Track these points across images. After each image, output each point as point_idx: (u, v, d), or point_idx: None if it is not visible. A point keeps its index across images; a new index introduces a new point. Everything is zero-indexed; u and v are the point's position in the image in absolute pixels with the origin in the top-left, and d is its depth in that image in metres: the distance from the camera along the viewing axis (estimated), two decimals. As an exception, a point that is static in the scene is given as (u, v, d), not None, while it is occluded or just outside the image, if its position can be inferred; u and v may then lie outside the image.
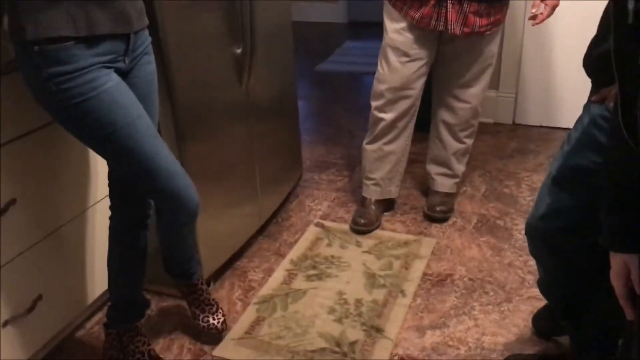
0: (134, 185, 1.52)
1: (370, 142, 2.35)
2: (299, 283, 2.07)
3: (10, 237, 1.51)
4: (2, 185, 1.47)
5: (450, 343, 1.77)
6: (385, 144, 2.30)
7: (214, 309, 1.80)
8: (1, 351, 1.53)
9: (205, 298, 1.80)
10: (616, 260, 0.97)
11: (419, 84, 2.19)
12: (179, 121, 1.76)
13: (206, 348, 1.80)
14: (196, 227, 1.68)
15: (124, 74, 1.40)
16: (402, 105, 2.21)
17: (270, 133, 2.32)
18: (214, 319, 1.79)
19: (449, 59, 2.20)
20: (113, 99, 1.34)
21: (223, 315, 1.81)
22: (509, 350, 1.71)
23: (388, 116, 2.24)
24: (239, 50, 1.95)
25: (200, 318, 1.79)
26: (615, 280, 0.98)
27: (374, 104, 2.27)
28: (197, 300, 1.79)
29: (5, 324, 1.54)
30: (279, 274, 2.13)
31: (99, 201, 1.77)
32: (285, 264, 2.18)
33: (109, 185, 1.57)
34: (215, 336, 1.82)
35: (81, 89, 1.29)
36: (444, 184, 2.45)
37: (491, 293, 1.98)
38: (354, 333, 1.83)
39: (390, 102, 2.21)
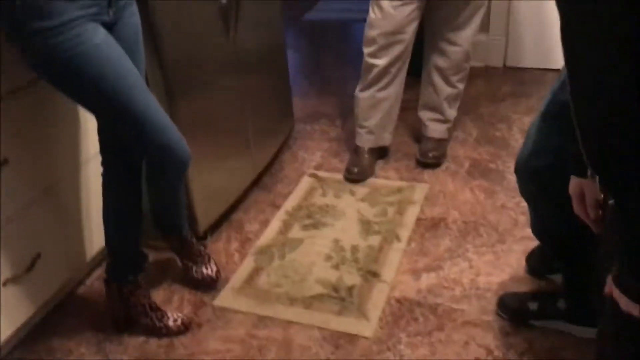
0: (124, 139, 1.51)
1: (363, 90, 2.33)
2: (295, 232, 2.09)
3: (5, 198, 1.51)
4: (-9, 145, 1.46)
5: (446, 284, 1.81)
6: (379, 90, 2.29)
7: (206, 259, 1.84)
8: (2, 310, 1.55)
9: (196, 250, 1.83)
10: (572, 184, 1.11)
11: (412, 28, 2.16)
12: (167, 75, 1.74)
13: (206, 299, 1.83)
14: (186, 181, 1.69)
15: (108, 28, 1.38)
16: (395, 50, 2.18)
17: (260, 84, 2.29)
18: (206, 269, 1.83)
19: (441, 2, 2.16)
20: (101, 54, 1.32)
21: (216, 265, 1.84)
22: (504, 289, 1.75)
23: (381, 62, 2.21)
24: (224, 1, 1.91)
25: (194, 270, 1.83)
26: (574, 201, 1.12)
27: (366, 50, 2.24)
28: (188, 253, 1.82)
29: (5, 283, 1.55)
30: (274, 225, 2.14)
31: (92, 157, 1.76)
32: (280, 214, 2.20)
33: (100, 140, 1.57)
34: (210, 286, 1.85)
35: (68, 44, 1.27)
36: (436, 130, 2.44)
37: (485, 235, 2.00)
38: (351, 278, 1.86)
39: (383, 47, 2.18)
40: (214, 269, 1.84)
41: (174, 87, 1.76)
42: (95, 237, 1.82)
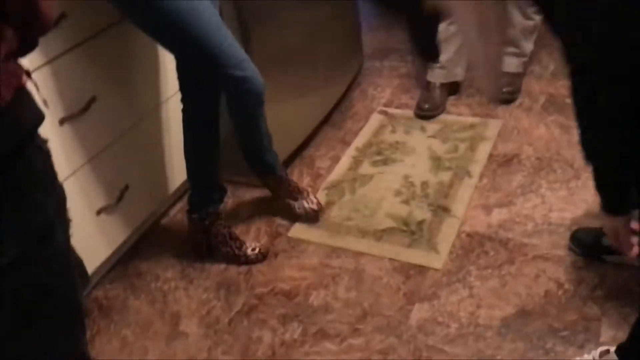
0: (202, 74, 1.57)
1: None
2: (365, 168, 2.13)
3: (94, 134, 1.62)
4: (82, 84, 1.55)
5: (517, 220, 1.81)
6: (451, 23, 2.23)
7: (305, 194, 1.90)
8: (97, 237, 1.69)
9: (294, 187, 1.89)
10: (606, 223, 1.11)
11: None
12: (241, 9, 1.77)
13: (281, 230, 1.91)
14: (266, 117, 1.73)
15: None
16: None
17: (330, 19, 2.29)
18: (307, 202, 1.89)
19: None
20: None
21: (315, 197, 1.90)
22: (576, 225, 1.73)
23: None
24: None
25: (296, 207, 1.89)
26: (610, 238, 1.13)
27: None
28: (286, 191, 1.88)
29: (99, 212, 1.68)
30: (345, 161, 2.19)
31: (171, 96, 1.84)
32: (350, 151, 2.23)
33: (179, 77, 1.63)
34: (314, 218, 1.90)
35: None
36: (511, 64, 2.38)
37: (559, 171, 1.97)
38: (421, 213, 1.89)
39: None
40: (314, 200, 1.89)
41: (247, 22, 1.80)
42: (177, 171, 1.93)
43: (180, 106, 1.67)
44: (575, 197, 1.86)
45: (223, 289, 1.74)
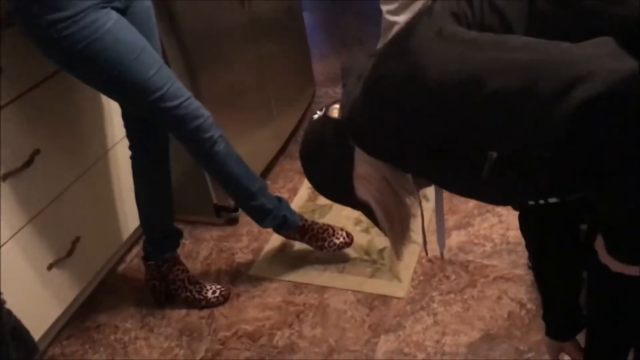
0: (148, 119, 1.54)
1: None
2: (324, 199, 2.10)
3: (41, 186, 1.57)
4: (23, 138, 1.50)
5: (476, 241, 1.82)
6: None
7: (332, 231, 1.81)
8: (50, 292, 1.63)
9: (319, 228, 1.80)
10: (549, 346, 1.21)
11: None
12: (186, 50, 1.75)
13: (242, 269, 1.88)
14: (236, 156, 1.66)
15: (121, 13, 1.39)
16: (416, 6, 2.15)
17: (279, 51, 2.29)
18: (337, 238, 1.80)
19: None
20: (116, 38, 1.34)
21: (342, 229, 1.83)
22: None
23: (401, 19, 2.18)
24: (236, -30, 1.90)
25: (327, 246, 1.80)
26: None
27: (385, 7, 2.21)
28: (314, 236, 1.79)
29: (50, 267, 1.62)
30: (303, 192, 2.17)
31: (118, 142, 1.80)
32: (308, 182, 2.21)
33: (125, 125, 1.60)
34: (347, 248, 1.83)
35: (83, 32, 1.29)
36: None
37: (514, 188, 1.99)
38: (382, 241, 1.88)
39: (403, 6, 2.15)
40: (343, 233, 1.82)
41: (193, 62, 1.77)
42: (130, 217, 1.88)
43: (129, 152, 1.64)
44: (531, 214, 1.87)
45: (185, 336, 1.70)
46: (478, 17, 0.78)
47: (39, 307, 1.59)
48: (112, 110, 1.75)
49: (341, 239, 1.80)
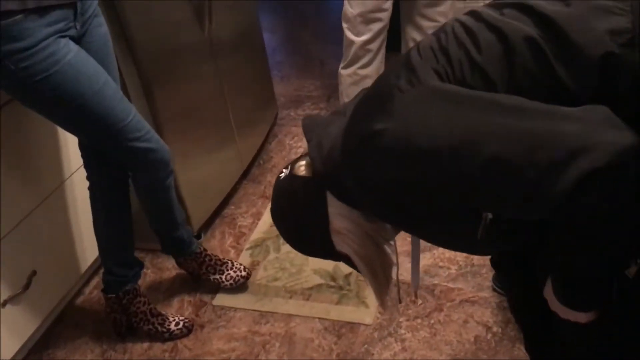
0: (107, 150, 1.50)
1: (345, 67, 2.32)
2: (288, 223, 2.09)
3: (-7, 220, 1.50)
4: (-26, 170, 1.44)
5: (441, 264, 1.83)
6: (360, 68, 2.27)
7: (230, 264, 1.82)
8: (4, 330, 1.56)
9: (215, 260, 1.81)
10: None
11: (389, 4, 2.14)
12: (142, 71, 1.70)
13: (206, 299, 1.84)
14: (175, 182, 1.67)
15: (77, 41, 1.35)
16: (375, 26, 2.17)
17: (240, 74, 2.27)
18: (235, 271, 1.81)
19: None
20: (77, 70, 1.30)
21: (240, 264, 1.84)
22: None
23: (361, 39, 2.20)
24: (195, -3, 1.88)
25: (224, 280, 1.80)
26: None
27: (345, 25, 2.23)
28: (211, 267, 1.80)
29: (4, 304, 1.55)
30: (267, 217, 2.15)
31: (74, 171, 1.75)
32: (272, 205, 2.19)
33: (82, 155, 1.55)
34: (243, 285, 1.83)
35: (43, 64, 1.25)
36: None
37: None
38: (348, 266, 1.87)
39: (362, 24, 2.17)
40: (240, 267, 1.82)
41: (150, 82, 1.73)
42: (88, 248, 1.82)
43: (86, 182, 1.59)
44: (493, 236, 1.90)
45: (148, 370, 1.65)
46: (459, 76, 0.77)
47: (-8, 346, 1.52)
48: (68, 139, 1.70)
49: (239, 273, 1.82)
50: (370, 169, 0.78)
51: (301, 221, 0.94)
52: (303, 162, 0.93)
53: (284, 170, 0.97)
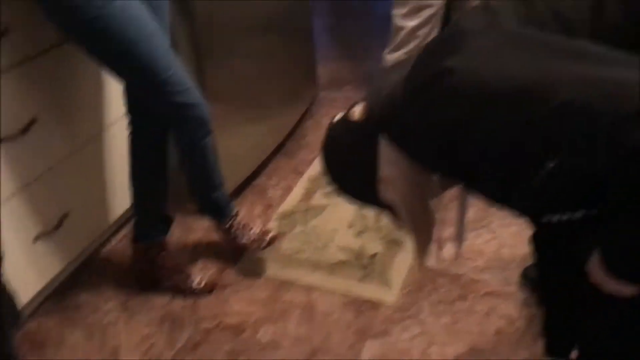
0: (148, 100, 1.51)
1: (391, 52, 2.30)
2: (318, 200, 2.09)
3: (33, 156, 1.53)
4: (22, 104, 1.47)
5: (469, 255, 1.80)
6: (406, 53, 2.25)
7: (257, 229, 1.83)
8: (33, 266, 1.58)
9: (244, 224, 1.81)
10: None
11: None
12: (197, 37, 1.73)
13: (230, 262, 1.84)
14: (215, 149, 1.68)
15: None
16: (426, 12, 2.14)
17: (286, 50, 2.27)
18: (261, 235, 1.83)
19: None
20: (127, 14, 1.31)
21: (267, 229, 1.85)
22: (527, 261, 1.73)
23: (410, 24, 2.18)
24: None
25: (249, 243, 1.81)
26: None
27: (395, 11, 2.20)
28: (239, 231, 1.80)
29: (36, 239, 1.58)
30: (297, 191, 2.15)
31: (114, 122, 1.77)
32: (303, 181, 2.20)
33: (127, 102, 1.57)
34: (269, 251, 1.85)
35: (93, 4, 1.26)
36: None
37: (509, 207, 1.99)
38: (374, 246, 1.86)
39: (414, 10, 2.14)
40: (268, 232, 1.84)
41: (203, 48, 1.75)
42: (120, 199, 1.84)
43: (126, 132, 1.60)
44: (525, 233, 1.86)
45: (167, 323, 1.66)
46: (539, 20, 0.75)
47: (20, 278, 1.54)
48: (112, 89, 1.72)
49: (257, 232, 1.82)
50: (434, 108, 0.77)
51: (350, 165, 0.94)
52: (358, 108, 0.92)
53: (339, 114, 0.97)
